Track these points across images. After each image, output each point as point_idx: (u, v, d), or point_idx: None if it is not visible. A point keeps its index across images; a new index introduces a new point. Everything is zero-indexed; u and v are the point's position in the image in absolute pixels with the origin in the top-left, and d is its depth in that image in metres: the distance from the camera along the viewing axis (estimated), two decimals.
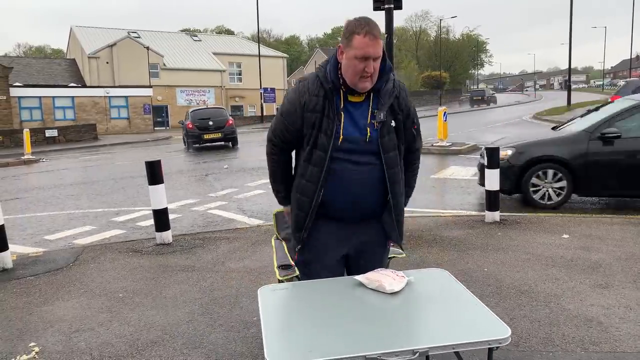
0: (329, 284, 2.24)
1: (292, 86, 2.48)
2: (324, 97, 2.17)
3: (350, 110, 2.20)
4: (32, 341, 3.39)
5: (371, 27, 2.08)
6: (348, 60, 2.12)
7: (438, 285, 2.21)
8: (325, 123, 2.17)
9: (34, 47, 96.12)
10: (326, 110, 2.17)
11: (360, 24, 2.09)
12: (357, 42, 2.07)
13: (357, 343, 1.71)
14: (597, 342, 3.08)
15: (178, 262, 5.00)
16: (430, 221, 6.27)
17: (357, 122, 2.19)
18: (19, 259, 5.28)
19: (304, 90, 2.20)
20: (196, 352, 3.16)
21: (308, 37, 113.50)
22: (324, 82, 2.18)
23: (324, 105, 2.17)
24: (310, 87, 2.20)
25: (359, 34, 2.07)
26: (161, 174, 5.65)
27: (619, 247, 4.92)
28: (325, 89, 2.17)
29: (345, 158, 2.20)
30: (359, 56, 2.08)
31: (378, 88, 2.20)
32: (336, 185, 2.23)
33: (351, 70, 2.11)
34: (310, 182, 2.24)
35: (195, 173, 12.13)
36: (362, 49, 2.07)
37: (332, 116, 2.17)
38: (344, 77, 2.16)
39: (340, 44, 2.17)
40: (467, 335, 1.74)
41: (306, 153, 2.24)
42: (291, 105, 2.23)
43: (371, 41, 2.07)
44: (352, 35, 2.09)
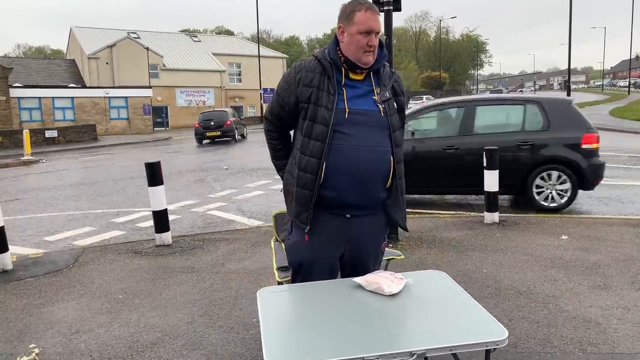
0: (327, 286, 2.25)
1: None
2: (320, 73, 2.22)
3: (353, 86, 2.23)
4: (32, 342, 3.40)
5: (370, 3, 2.19)
6: (351, 37, 2.18)
7: (436, 287, 2.22)
8: (325, 97, 2.19)
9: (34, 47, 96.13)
10: (324, 85, 2.20)
11: (358, 2, 2.18)
12: (360, 18, 2.16)
13: (355, 345, 1.72)
14: (595, 343, 3.09)
15: (178, 264, 5.02)
16: (429, 222, 6.29)
17: (363, 97, 2.23)
18: (19, 260, 5.29)
19: (300, 67, 2.26)
20: (196, 353, 3.17)
21: (308, 38, 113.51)
22: (321, 60, 2.23)
23: (320, 80, 2.21)
24: (306, 65, 2.26)
25: (360, 10, 2.16)
26: (161, 175, 5.67)
27: (617, 249, 4.93)
28: (323, 65, 2.22)
29: (349, 132, 2.18)
30: (363, 30, 2.15)
31: (377, 69, 2.27)
32: (339, 162, 2.18)
33: (354, 46, 2.17)
34: (312, 157, 2.20)
35: (195, 174, 12.14)
36: (364, 23, 2.15)
37: (333, 91, 2.19)
38: (345, 55, 2.21)
39: (340, 24, 2.23)
40: (465, 337, 1.75)
41: (305, 127, 2.23)
42: (286, 82, 2.29)
43: (372, 15, 2.17)
44: (352, 13, 2.17)
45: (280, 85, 2.33)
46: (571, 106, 7.31)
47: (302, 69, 2.25)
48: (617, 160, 11.45)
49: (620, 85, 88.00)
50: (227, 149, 19.51)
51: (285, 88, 2.29)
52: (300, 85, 2.22)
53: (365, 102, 2.22)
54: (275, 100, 2.35)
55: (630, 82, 67.64)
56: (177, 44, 45.83)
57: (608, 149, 13.52)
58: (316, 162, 2.19)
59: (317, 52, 2.31)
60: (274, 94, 2.38)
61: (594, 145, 6.92)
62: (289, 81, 2.27)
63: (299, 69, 2.26)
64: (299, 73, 2.24)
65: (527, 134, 7.00)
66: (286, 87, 2.28)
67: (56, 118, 32.28)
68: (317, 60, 2.24)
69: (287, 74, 2.31)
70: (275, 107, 2.36)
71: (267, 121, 2.45)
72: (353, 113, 2.19)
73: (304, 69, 2.24)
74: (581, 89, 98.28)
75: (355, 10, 2.16)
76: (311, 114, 2.21)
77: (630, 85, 65.93)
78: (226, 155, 16.52)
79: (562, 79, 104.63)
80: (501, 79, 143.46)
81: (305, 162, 2.22)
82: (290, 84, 2.26)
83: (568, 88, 37.86)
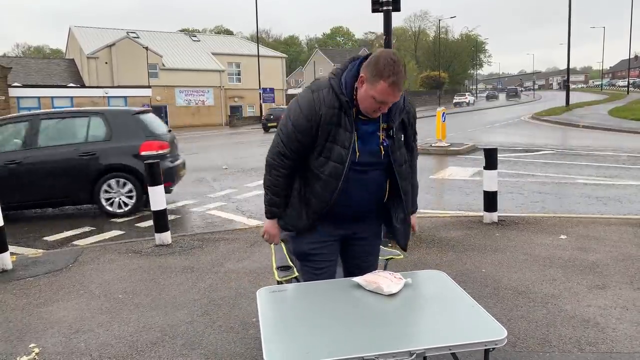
0: (327, 286, 2.26)
1: (293, 86, 2.52)
2: (339, 109, 2.17)
3: (361, 126, 2.22)
4: (32, 342, 3.41)
5: (398, 77, 2.06)
6: (366, 94, 2.12)
7: (435, 286, 2.23)
8: (342, 135, 2.17)
9: (33, 47, 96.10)
10: (342, 121, 2.17)
11: (388, 66, 2.04)
12: (381, 88, 2.07)
13: (354, 344, 1.73)
14: (593, 342, 3.10)
15: (177, 263, 5.02)
16: (428, 222, 6.30)
17: (369, 138, 2.23)
18: (19, 260, 5.30)
19: (319, 102, 2.17)
20: (195, 352, 3.18)
21: (307, 38, 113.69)
22: (339, 95, 2.16)
23: (339, 117, 2.17)
24: (325, 99, 2.17)
25: (385, 81, 2.05)
26: (160, 174, 5.68)
27: (616, 248, 4.94)
28: (340, 102, 2.17)
29: (358, 169, 2.23)
30: (378, 99, 2.10)
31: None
32: (343, 191, 2.26)
33: (366, 102, 2.14)
34: (325, 190, 2.25)
35: (195, 174, 12.14)
36: (383, 94, 2.08)
37: (350, 129, 2.18)
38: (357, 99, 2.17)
39: (364, 73, 2.12)
40: (464, 336, 1.76)
41: (318, 163, 2.24)
42: (306, 120, 2.18)
43: (394, 92, 2.08)
44: (378, 78, 2.06)
45: (299, 121, 2.20)
46: (133, 116, 7.73)
47: (321, 103, 2.16)
48: (616, 160, 11.47)
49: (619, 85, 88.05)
50: (227, 149, 19.52)
51: (306, 127, 2.18)
52: (322, 123, 2.16)
53: (371, 141, 2.23)
54: (293, 135, 2.22)
55: (629, 81, 67.66)
56: (176, 44, 45.81)
57: (607, 149, 13.56)
58: (328, 195, 2.25)
59: (333, 80, 2.19)
60: (287, 128, 2.24)
61: (156, 152, 7.37)
62: (308, 118, 2.17)
63: (319, 103, 2.16)
64: (320, 109, 2.16)
65: (90, 145, 7.43)
66: (307, 126, 2.18)
67: None
68: (335, 93, 2.16)
69: (305, 109, 2.19)
70: (293, 143, 2.23)
71: (282, 157, 2.28)
72: (362, 153, 2.21)
73: (324, 105, 2.16)
74: (580, 88, 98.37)
75: (382, 78, 2.05)
76: (327, 151, 2.20)
77: (629, 85, 65.96)
78: (225, 156, 16.52)
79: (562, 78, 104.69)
80: (500, 78, 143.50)
81: (315, 194, 2.28)
82: (311, 122, 2.17)
83: (567, 88, 37.88)
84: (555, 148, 14.37)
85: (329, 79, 2.22)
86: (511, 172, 10.08)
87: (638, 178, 9.15)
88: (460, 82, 78.08)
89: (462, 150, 13.94)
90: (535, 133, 19.92)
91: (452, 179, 9.94)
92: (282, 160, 2.29)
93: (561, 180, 9.27)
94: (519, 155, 12.74)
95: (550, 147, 14.50)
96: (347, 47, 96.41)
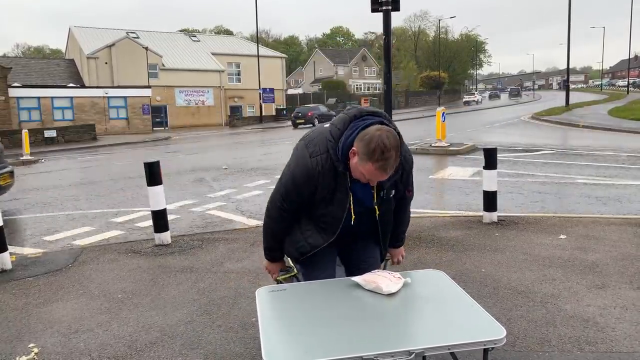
0: (326, 285, 2.26)
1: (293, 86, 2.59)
2: (335, 173, 2.22)
3: (355, 188, 2.27)
4: (32, 342, 3.40)
5: (387, 162, 2.05)
6: (356, 168, 2.14)
7: (434, 286, 2.23)
8: (338, 197, 2.26)
9: (33, 47, 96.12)
10: (338, 185, 2.24)
11: (380, 154, 2.02)
12: (368, 169, 2.08)
13: (353, 344, 1.73)
14: (593, 342, 3.10)
15: (177, 263, 5.02)
16: (428, 221, 6.30)
17: (362, 199, 2.30)
18: (18, 260, 5.30)
19: (317, 166, 2.21)
20: (195, 352, 3.17)
21: (307, 38, 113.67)
22: (335, 162, 2.19)
23: (336, 181, 2.23)
24: (323, 163, 2.20)
25: (373, 164, 2.05)
26: (160, 174, 5.67)
27: (615, 248, 4.94)
28: (336, 169, 2.21)
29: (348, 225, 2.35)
30: (367, 175, 2.12)
31: None
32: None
33: (357, 174, 2.17)
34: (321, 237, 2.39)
35: (194, 174, 12.14)
36: (369, 174, 2.10)
37: (346, 192, 2.25)
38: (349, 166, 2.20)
39: (356, 147, 2.10)
40: (463, 336, 1.76)
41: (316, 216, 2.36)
42: (305, 178, 2.24)
43: (381, 174, 2.09)
44: (367, 159, 2.06)
45: (299, 179, 2.26)
46: None
47: (318, 167, 2.21)
48: (616, 160, 11.47)
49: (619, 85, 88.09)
50: (227, 149, 19.52)
51: (306, 183, 2.25)
52: (318, 185, 2.23)
53: (363, 204, 2.31)
54: (293, 190, 2.30)
55: (629, 81, 67.67)
56: (176, 44, 45.80)
57: (607, 149, 13.56)
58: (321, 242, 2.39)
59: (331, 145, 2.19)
60: (288, 181, 2.31)
61: None
62: (308, 177, 2.23)
63: (316, 167, 2.21)
64: (317, 171, 2.21)
65: None
66: (307, 183, 2.24)
67: (55, 118, 32.23)
68: (332, 161, 2.19)
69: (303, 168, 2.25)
70: (292, 196, 2.32)
71: (280, 210, 2.38)
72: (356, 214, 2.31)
73: (321, 173, 2.21)
74: (580, 88, 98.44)
75: (371, 161, 2.04)
76: (323, 209, 2.31)
77: (629, 84, 65.96)
78: (225, 155, 16.52)
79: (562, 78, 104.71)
80: (500, 78, 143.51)
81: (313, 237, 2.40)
82: (309, 181, 2.23)
83: (567, 88, 37.90)
84: (555, 148, 14.37)
85: (327, 143, 2.21)
86: (511, 172, 10.08)
87: (638, 178, 9.15)
88: (460, 82, 78.06)
89: (461, 150, 13.94)
90: (535, 133, 19.92)
91: (452, 178, 9.94)
92: (281, 212, 2.39)
93: (561, 180, 9.27)
94: (519, 155, 12.73)
95: (550, 147, 14.50)
96: (347, 47, 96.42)
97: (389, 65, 5.57)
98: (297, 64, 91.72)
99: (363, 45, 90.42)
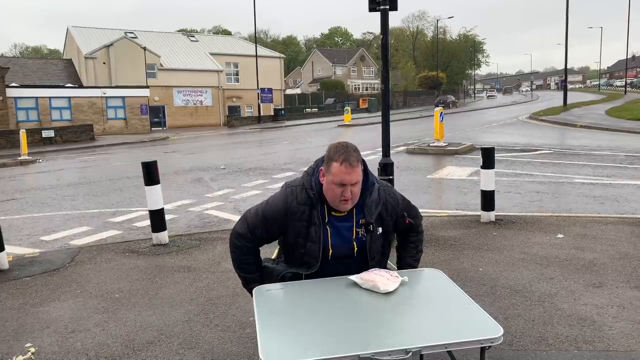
0: (323, 284, 2.25)
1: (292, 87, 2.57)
2: (310, 207, 2.27)
3: (335, 223, 2.30)
4: (28, 342, 3.39)
5: (348, 155, 2.16)
6: (328, 184, 2.22)
7: (432, 285, 2.23)
8: (312, 231, 2.26)
9: (31, 47, 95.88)
10: (313, 219, 2.27)
11: (338, 151, 2.18)
12: (334, 169, 2.17)
13: (350, 342, 1.72)
14: (590, 341, 3.11)
15: (174, 263, 5.01)
16: (426, 221, 6.28)
17: (343, 235, 2.30)
18: (15, 260, 5.28)
19: (292, 198, 2.29)
20: (192, 352, 3.17)
21: (305, 38, 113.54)
22: (309, 191, 2.26)
23: (310, 214, 2.26)
24: (298, 195, 2.28)
25: (337, 161, 2.16)
26: (157, 174, 5.66)
27: (612, 247, 4.95)
28: (310, 198, 2.26)
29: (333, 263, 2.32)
30: (337, 182, 2.17)
31: (361, 202, 2.30)
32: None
33: (330, 193, 2.22)
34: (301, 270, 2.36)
35: (192, 174, 12.12)
36: (338, 175, 2.16)
37: (319, 223, 2.27)
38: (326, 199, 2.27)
39: (323, 167, 2.25)
40: (460, 334, 1.76)
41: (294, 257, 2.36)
42: (276, 211, 2.30)
43: (347, 169, 2.15)
44: (330, 161, 2.19)
45: (269, 212, 2.32)
46: None
47: (294, 198, 2.28)
48: (613, 160, 11.48)
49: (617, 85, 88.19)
50: (225, 149, 19.50)
51: (275, 217, 2.30)
52: (291, 219, 2.27)
53: (344, 240, 2.30)
54: (261, 223, 2.33)
55: (627, 81, 67.78)
56: (174, 44, 45.71)
57: (604, 149, 13.58)
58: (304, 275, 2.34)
59: (305, 178, 2.31)
60: (257, 215, 2.35)
61: None
62: (278, 209, 2.29)
63: (290, 199, 2.28)
64: (291, 204, 2.27)
65: None
66: (276, 217, 2.30)
67: (53, 118, 32.14)
68: (307, 195, 2.27)
69: (277, 202, 2.31)
70: (258, 229, 2.34)
71: (242, 238, 2.38)
72: (335, 254, 2.29)
73: (296, 200, 2.27)
74: (578, 88, 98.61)
75: (333, 160, 2.17)
76: (300, 248, 2.30)
77: (627, 85, 66.08)
78: (223, 155, 16.50)
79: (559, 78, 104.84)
80: (498, 78, 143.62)
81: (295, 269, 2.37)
82: (280, 213, 2.29)
83: (565, 88, 37.95)
84: (553, 147, 14.39)
85: (303, 177, 2.34)
86: (508, 172, 10.09)
87: (635, 177, 9.17)
88: (458, 83, 78.01)
89: (459, 150, 13.94)
90: (533, 133, 19.94)
91: (450, 178, 9.95)
92: (242, 241, 2.38)
93: (558, 179, 9.29)
94: (517, 155, 12.75)
95: (547, 147, 14.51)
96: (345, 46, 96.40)
97: (387, 65, 5.57)
98: (296, 64, 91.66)
99: (361, 45, 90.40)
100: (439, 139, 14.55)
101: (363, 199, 2.30)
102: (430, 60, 70.62)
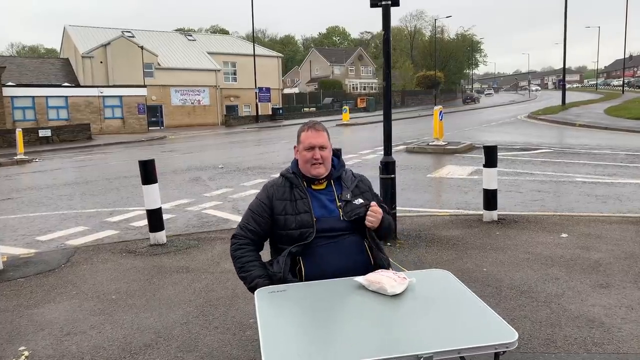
0: (328, 286, 2.17)
1: (289, 86, 2.66)
2: (289, 187, 2.49)
3: (317, 195, 2.47)
4: (22, 345, 3.30)
5: (313, 122, 2.54)
6: (300, 154, 2.51)
7: (441, 286, 2.15)
8: (299, 204, 2.42)
9: (27, 46, 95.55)
10: (294, 195, 2.45)
11: (305, 124, 2.55)
12: (303, 136, 2.50)
13: (357, 348, 1.64)
14: (599, 343, 3.03)
15: (172, 263, 4.92)
16: (427, 221, 6.22)
17: (326, 206, 2.44)
18: (10, 260, 5.19)
19: (271, 184, 2.55)
20: (191, 355, 3.08)
21: (303, 37, 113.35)
22: (286, 175, 2.52)
23: (291, 193, 2.46)
24: (275, 181, 2.55)
25: (304, 130, 2.51)
26: (155, 173, 5.57)
27: (618, 246, 4.88)
28: (289, 179, 2.49)
29: (328, 235, 2.37)
30: (306, 147, 2.45)
31: (338, 176, 2.54)
32: (317, 263, 2.35)
33: (302, 160, 2.48)
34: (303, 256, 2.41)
35: (190, 173, 12.03)
36: (306, 140, 2.47)
37: (303, 195, 2.45)
38: (302, 172, 2.49)
39: (295, 145, 2.57)
40: (473, 339, 1.67)
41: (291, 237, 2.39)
42: (260, 201, 2.52)
43: (313, 133, 2.47)
44: (300, 134, 2.52)
45: (254, 203, 2.54)
46: None
47: (272, 185, 2.54)
48: (614, 159, 11.43)
49: (614, 85, 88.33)
50: (223, 148, 19.41)
51: (259, 204, 2.50)
52: (273, 199, 2.47)
53: (327, 209, 2.43)
54: (249, 215, 2.52)
55: (624, 81, 67.87)
56: (172, 43, 45.57)
57: (604, 147, 13.53)
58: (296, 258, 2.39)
59: (283, 171, 2.58)
60: (246, 213, 2.54)
61: None
62: (261, 198, 2.52)
63: (269, 185, 2.55)
64: (270, 189, 2.51)
65: None
66: (259, 204, 2.50)
67: (50, 117, 31.98)
68: (284, 177, 2.53)
69: (260, 194, 2.55)
70: (250, 223, 2.50)
71: (237, 237, 2.51)
72: (319, 221, 2.38)
73: (275, 185, 2.52)
74: (575, 88, 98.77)
75: (302, 131, 2.51)
76: (291, 223, 2.39)
77: (624, 84, 66.16)
78: (221, 155, 16.41)
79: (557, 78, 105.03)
80: (496, 78, 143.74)
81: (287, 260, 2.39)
82: (263, 200, 2.50)
83: (563, 87, 37.95)
84: (553, 146, 14.34)
85: (284, 171, 2.60)
86: (509, 171, 10.03)
87: (636, 176, 9.11)
88: (456, 82, 77.99)
89: (459, 149, 13.88)
90: (532, 132, 19.90)
91: (450, 177, 9.88)
92: (236, 239, 2.52)
93: (559, 178, 9.22)
94: (517, 154, 12.69)
95: (547, 146, 14.46)
96: (343, 46, 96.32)
97: (389, 62, 5.48)
98: (294, 63, 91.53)
99: (359, 44, 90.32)
100: (438, 138, 14.48)
101: (338, 174, 2.52)
102: (428, 59, 70.55)
